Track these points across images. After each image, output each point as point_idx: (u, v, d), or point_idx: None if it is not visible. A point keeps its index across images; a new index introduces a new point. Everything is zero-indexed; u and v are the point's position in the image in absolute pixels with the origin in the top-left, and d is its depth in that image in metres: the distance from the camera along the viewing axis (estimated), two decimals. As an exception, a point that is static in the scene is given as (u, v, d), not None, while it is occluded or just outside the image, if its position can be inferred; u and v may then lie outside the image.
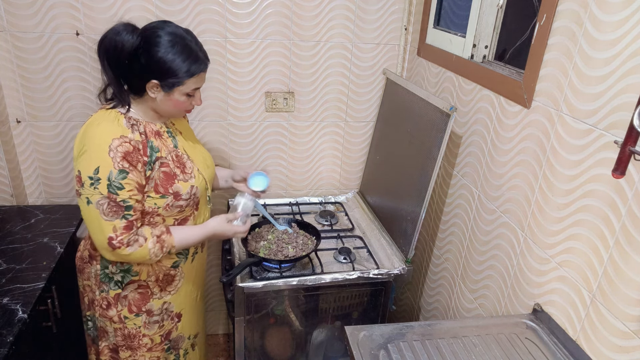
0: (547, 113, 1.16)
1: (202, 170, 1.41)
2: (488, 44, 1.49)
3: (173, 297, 1.44)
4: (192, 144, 1.44)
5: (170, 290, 1.43)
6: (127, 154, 1.19)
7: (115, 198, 1.18)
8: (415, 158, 1.64)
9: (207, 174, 1.44)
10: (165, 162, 1.29)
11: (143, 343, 1.42)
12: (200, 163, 1.42)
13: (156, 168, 1.26)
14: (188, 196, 1.33)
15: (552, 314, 1.15)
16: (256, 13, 1.82)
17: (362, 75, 2.01)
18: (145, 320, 1.41)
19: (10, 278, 1.41)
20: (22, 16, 1.67)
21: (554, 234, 1.14)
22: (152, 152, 1.26)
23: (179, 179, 1.31)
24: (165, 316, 1.45)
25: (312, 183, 2.19)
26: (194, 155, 1.40)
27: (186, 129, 1.48)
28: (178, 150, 1.35)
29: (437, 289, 1.79)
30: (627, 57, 0.92)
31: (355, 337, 1.12)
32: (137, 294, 1.37)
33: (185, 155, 1.37)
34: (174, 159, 1.32)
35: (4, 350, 1.14)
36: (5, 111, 1.78)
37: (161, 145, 1.29)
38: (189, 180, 1.33)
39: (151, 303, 1.40)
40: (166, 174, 1.28)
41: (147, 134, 1.27)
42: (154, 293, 1.40)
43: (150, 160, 1.25)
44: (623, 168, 0.83)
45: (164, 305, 1.43)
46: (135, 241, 1.23)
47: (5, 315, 1.26)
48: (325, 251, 1.71)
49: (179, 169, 1.32)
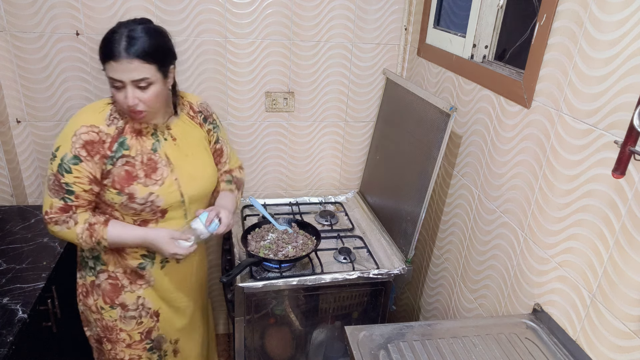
0: (547, 113, 1.16)
1: (182, 182, 1.34)
2: (488, 44, 1.49)
3: (147, 292, 1.42)
4: (186, 154, 1.37)
5: (141, 284, 1.41)
6: (88, 143, 1.22)
7: (60, 179, 1.23)
8: (415, 158, 1.64)
9: (189, 188, 1.36)
10: (131, 161, 1.27)
11: (121, 338, 1.43)
12: (183, 174, 1.35)
13: (118, 164, 1.26)
14: (143, 201, 1.28)
15: (552, 314, 1.15)
16: (256, 13, 1.82)
17: (362, 75, 2.01)
18: (121, 314, 1.41)
19: (10, 278, 1.41)
20: (22, 16, 1.67)
21: (554, 234, 1.14)
22: (120, 148, 1.26)
23: (138, 181, 1.27)
24: (143, 312, 1.43)
25: (312, 183, 2.19)
26: (178, 165, 1.34)
27: (189, 136, 1.40)
28: (156, 154, 1.31)
29: (437, 289, 1.79)
30: (627, 57, 0.92)
31: (355, 337, 1.12)
32: (108, 285, 1.38)
33: (163, 161, 1.32)
34: (143, 160, 1.29)
35: (4, 350, 1.14)
36: (5, 111, 1.78)
37: (135, 144, 1.28)
38: (151, 186, 1.29)
39: (123, 296, 1.40)
40: (128, 173, 1.26)
41: (124, 130, 1.27)
42: (124, 285, 1.39)
43: (113, 155, 1.25)
44: (623, 168, 0.84)
45: (139, 300, 1.42)
46: (65, 222, 1.26)
47: (5, 315, 1.26)
48: (325, 251, 1.71)
49: (145, 172, 1.28)
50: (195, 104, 1.45)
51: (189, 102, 1.44)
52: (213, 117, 1.50)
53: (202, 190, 1.42)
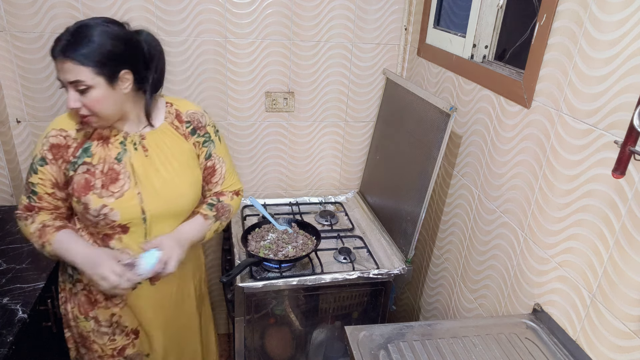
0: (547, 113, 1.16)
1: (145, 196, 1.23)
2: (488, 44, 1.49)
3: (123, 311, 1.34)
4: (156, 167, 1.26)
5: (117, 303, 1.32)
6: (54, 146, 1.21)
7: (29, 178, 1.24)
8: (415, 158, 1.64)
9: (153, 205, 1.25)
10: (91, 169, 1.21)
11: (94, 349, 1.37)
12: (148, 189, 1.24)
13: (79, 172, 1.21)
14: (96, 213, 1.20)
15: (552, 314, 1.15)
16: (256, 13, 1.82)
17: (362, 75, 2.01)
18: (94, 327, 1.34)
19: (10, 278, 1.41)
20: (22, 16, 1.67)
21: (554, 234, 1.14)
22: (83, 155, 1.21)
23: (94, 191, 1.20)
24: (118, 330, 1.35)
25: (312, 183, 2.19)
26: (145, 178, 1.24)
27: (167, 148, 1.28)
28: (120, 163, 1.23)
29: (437, 289, 1.79)
30: (627, 57, 0.92)
31: (355, 337, 1.12)
32: (83, 296, 1.32)
33: (127, 172, 1.23)
34: (104, 170, 1.21)
35: (4, 350, 1.14)
36: (5, 111, 1.77)
37: (99, 152, 1.22)
38: (106, 198, 1.20)
39: (97, 311, 1.32)
40: (86, 181, 1.20)
41: (92, 136, 1.23)
42: (98, 300, 1.32)
43: (75, 161, 1.21)
44: (623, 168, 0.84)
45: (114, 318, 1.34)
46: (25, 219, 1.26)
47: (5, 315, 1.26)
48: (325, 251, 1.71)
49: (102, 182, 1.21)
50: (184, 112, 1.33)
51: (176, 110, 1.33)
52: (206, 130, 1.36)
53: (168, 209, 1.28)
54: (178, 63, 1.84)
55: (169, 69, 1.83)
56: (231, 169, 1.45)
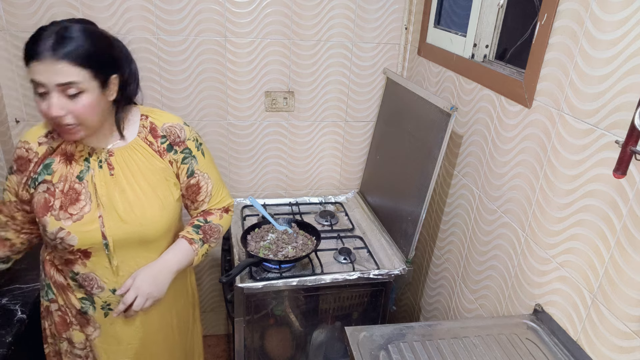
0: (548, 113, 1.15)
1: (107, 220, 1.12)
2: (489, 44, 1.49)
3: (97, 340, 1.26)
4: (122, 188, 1.15)
5: (88, 334, 1.25)
6: (19, 158, 1.16)
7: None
8: (416, 158, 1.64)
9: (116, 231, 1.14)
10: (51, 188, 1.12)
11: None
12: (111, 212, 1.13)
13: (39, 190, 1.12)
14: (53, 237, 1.11)
15: (553, 314, 1.15)
16: (256, 12, 1.82)
17: (362, 74, 2.01)
18: (67, 348, 1.28)
19: (9, 278, 1.41)
20: (22, 15, 1.67)
21: (554, 234, 1.13)
22: (43, 172, 1.12)
23: (52, 213, 1.10)
24: (91, 355, 1.28)
25: (312, 183, 2.19)
26: (108, 200, 1.13)
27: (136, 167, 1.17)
28: (81, 182, 1.12)
29: (437, 290, 1.79)
30: (628, 56, 0.91)
31: (356, 337, 1.12)
32: (58, 317, 1.26)
33: (89, 192, 1.12)
34: (64, 189, 1.12)
35: (3, 351, 1.14)
36: (4, 111, 1.77)
37: (60, 169, 1.13)
38: (63, 221, 1.10)
39: (71, 332, 1.26)
40: (45, 201, 1.11)
41: (54, 152, 1.14)
42: (72, 323, 1.25)
43: (36, 178, 1.13)
44: (624, 168, 0.83)
45: (87, 343, 1.26)
46: None
47: (5, 315, 1.26)
48: (325, 251, 1.71)
49: (61, 203, 1.11)
50: (160, 126, 1.20)
51: (151, 124, 1.20)
52: (186, 145, 1.22)
53: (133, 236, 1.16)
54: (178, 63, 1.84)
55: (169, 68, 1.84)
56: (219, 183, 1.33)
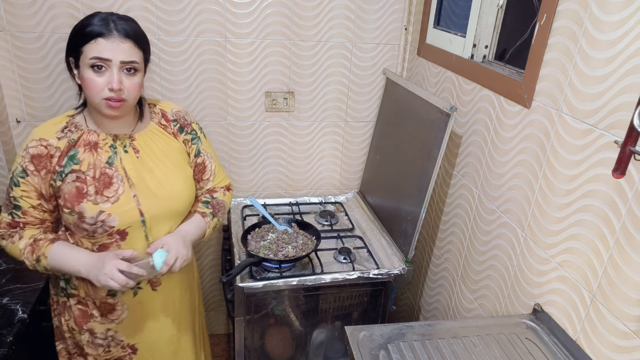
0: (547, 113, 1.16)
1: (142, 198, 1.21)
2: (488, 44, 1.49)
3: (119, 327, 1.32)
4: (150, 168, 1.24)
5: (113, 319, 1.30)
6: (35, 157, 1.15)
7: (10, 192, 1.18)
8: (416, 158, 1.64)
9: (151, 207, 1.23)
10: (81, 176, 1.16)
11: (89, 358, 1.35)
12: (144, 191, 1.22)
13: (68, 180, 1.16)
14: (93, 221, 1.16)
15: (552, 314, 1.15)
16: (256, 13, 1.82)
17: (362, 75, 2.01)
18: (88, 339, 1.31)
19: (10, 278, 1.41)
20: (22, 16, 1.67)
21: (554, 234, 1.14)
22: (69, 163, 1.16)
23: (88, 199, 1.15)
24: (113, 343, 1.33)
25: (312, 183, 2.19)
26: (139, 180, 1.22)
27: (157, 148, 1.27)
28: (111, 167, 1.19)
29: (437, 289, 1.79)
30: (628, 56, 0.91)
31: (356, 337, 1.12)
32: (77, 310, 1.29)
33: (120, 176, 1.20)
34: (95, 175, 1.17)
35: (4, 350, 1.15)
36: (5, 111, 1.77)
37: (88, 158, 1.18)
38: (102, 204, 1.16)
39: (92, 324, 1.30)
40: (78, 189, 1.15)
41: (76, 143, 1.18)
42: (94, 315, 1.29)
43: (62, 170, 1.16)
44: (623, 168, 0.83)
45: (109, 332, 1.32)
46: (10, 237, 1.20)
47: (5, 315, 1.26)
48: (325, 251, 1.71)
49: (96, 188, 1.17)
50: (169, 112, 1.33)
51: (161, 110, 1.33)
52: (192, 127, 1.36)
53: (166, 210, 1.26)
54: (178, 63, 1.84)
55: (169, 69, 1.84)
56: (219, 164, 1.46)
